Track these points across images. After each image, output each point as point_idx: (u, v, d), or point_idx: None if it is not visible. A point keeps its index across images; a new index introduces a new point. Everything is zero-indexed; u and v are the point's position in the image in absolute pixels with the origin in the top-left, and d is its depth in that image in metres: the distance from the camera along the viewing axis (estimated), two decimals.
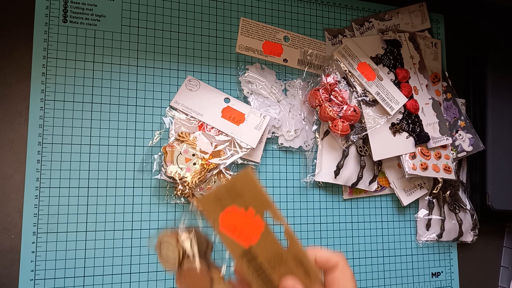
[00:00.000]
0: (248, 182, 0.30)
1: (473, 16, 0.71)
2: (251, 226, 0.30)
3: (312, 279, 0.31)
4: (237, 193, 0.30)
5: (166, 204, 0.51)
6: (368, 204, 0.60)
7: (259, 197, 0.30)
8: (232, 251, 0.31)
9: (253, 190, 0.30)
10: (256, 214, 0.30)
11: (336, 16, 0.62)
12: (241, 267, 0.31)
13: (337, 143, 0.58)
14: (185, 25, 0.54)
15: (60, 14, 0.49)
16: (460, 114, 0.65)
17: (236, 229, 0.30)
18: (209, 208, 0.30)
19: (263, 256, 0.31)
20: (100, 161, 0.49)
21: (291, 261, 0.31)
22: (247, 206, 0.30)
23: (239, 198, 0.30)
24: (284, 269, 0.31)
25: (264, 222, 0.30)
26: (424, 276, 0.62)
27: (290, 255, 0.31)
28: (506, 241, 0.69)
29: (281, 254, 0.31)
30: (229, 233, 0.30)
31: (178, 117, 0.51)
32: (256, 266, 0.31)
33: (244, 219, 0.30)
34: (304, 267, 0.31)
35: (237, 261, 0.31)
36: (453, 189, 0.64)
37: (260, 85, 0.55)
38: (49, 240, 0.46)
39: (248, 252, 0.30)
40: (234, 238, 0.30)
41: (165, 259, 0.32)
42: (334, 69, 0.58)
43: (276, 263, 0.31)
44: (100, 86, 0.50)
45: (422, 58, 0.63)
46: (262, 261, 0.31)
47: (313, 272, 0.31)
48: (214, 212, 0.30)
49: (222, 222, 0.30)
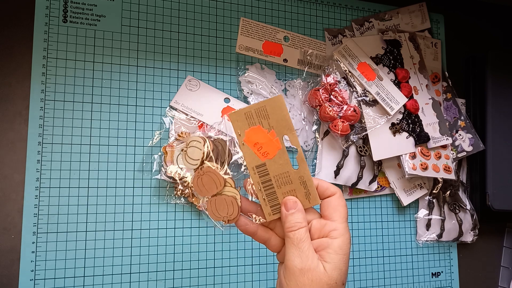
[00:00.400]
0: (277, 107, 0.34)
1: (473, 16, 0.71)
2: (270, 145, 0.35)
3: (311, 201, 0.35)
4: (265, 115, 0.35)
5: (166, 204, 0.51)
6: (368, 204, 0.60)
7: (283, 122, 0.35)
8: (249, 162, 0.35)
9: (279, 115, 0.35)
10: (276, 136, 0.35)
11: (336, 16, 0.62)
12: (252, 178, 0.35)
13: (337, 143, 0.58)
14: (185, 25, 0.54)
15: (60, 14, 0.49)
16: (460, 114, 0.65)
17: (257, 144, 0.35)
18: (238, 122, 0.35)
19: (273, 172, 0.35)
20: (100, 161, 0.49)
21: (296, 181, 0.35)
22: (270, 128, 0.35)
23: (265, 120, 0.35)
24: (289, 188, 0.35)
25: (282, 144, 0.35)
26: (424, 276, 0.62)
27: (297, 176, 0.35)
28: (506, 241, 0.69)
29: (289, 174, 0.35)
30: (251, 146, 0.35)
31: (178, 117, 0.51)
32: (266, 180, 0.35)
33: (266, 138, 0.35)
34: (307, 189, 0.35)
35: (250, 172, 0.35)
36: (453, 189, 0.64)
37: (260, 85, 0.55)
38: (49, 240, 0.46)
39: (262, 165, 0.35)
40: (253, 151, 0.35)
41: (189, 157, 0.37)
42: (334, 69, 0.58)
43: (283, 181, 0.35)
44: (100, 86, 0.50)
45: (422, 58, 0.63)
46: (272, 177, 0.35)
47: (313, 195, 0.35)
48: (241, 126, 0.35)
49: (247, 136, 0.35)
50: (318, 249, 0.32)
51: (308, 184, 0.35)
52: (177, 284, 0.50)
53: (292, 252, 0.32)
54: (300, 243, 0.32)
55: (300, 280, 0.30)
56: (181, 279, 0.50)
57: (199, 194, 0.37)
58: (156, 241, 0.50)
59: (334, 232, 0.32)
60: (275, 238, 0.36)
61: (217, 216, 0.36)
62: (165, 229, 0.50)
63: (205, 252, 0.52)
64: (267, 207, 0.36)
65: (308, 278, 0.30)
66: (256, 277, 0.53)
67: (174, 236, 0.51)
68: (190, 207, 0.52)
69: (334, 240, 0.32)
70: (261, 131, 0.35)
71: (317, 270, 0.30)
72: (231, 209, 0.36)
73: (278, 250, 0.36)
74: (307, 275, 0.30)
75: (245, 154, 0.35)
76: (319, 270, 0.30)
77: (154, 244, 0.50)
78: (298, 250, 0.31)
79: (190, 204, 0.51)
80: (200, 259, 0.51)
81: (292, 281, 0.31)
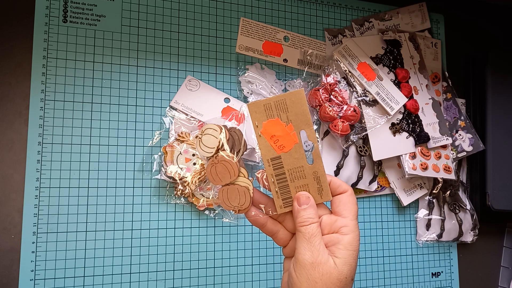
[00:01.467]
0: (297, 101, 0.34)
1: (473, 16, 0.71)
2: (287, 138, 0.35)
3: (323, 197, 0.35)
4: (284, 108, 0.35)
5: (166, 204, 0.51)
6: (368, 204, 0.60)
7: (302, 116, 0.35)
8: (264, 154, 0.35)
9: (299, 109, 0.34)
10: (294, 130, 0.35)
11: (336, 16, 0.62)
12: (267, 170, 0.35)
13: (337, 143, 0.58)
14: (185, 25, 0.54)
15: (60, 14, 0.49)
16: (460, 114, 0.65)
17: (274, 137, 0.35)
18: (256, 113, 0.35)
19: (288, 166, 0.35)
20: (100, 161, 0.49)
21: (310, 176, 0.35)
22: (288, 121, 0.35)
23: (283, 113, 0.35)
24: (302, 182, 0.35)
25: (299, 138, 0.35)
26: (424, 276, 0.62)
27: (311, 171, 0.35)
28: (506, 241, 0.68)
29: (303, 169, 0.35)
30: (267, 138, 0.35)
31: (178, 117, 0.51)
32: (280, 173, 0.35)
33: (283, 131, 0.35)
34: (320, 185, 0.35)
35: (265, 164, 0.35)
36: (453, 189, 0.64)
37: (260, 85, 0.55)
38: (49, 240, 0.46)
39: (277, 158, 0.35)
40: (270, 143, 0.35)
41: (204, 145, 0.37)
42: (334, 69, 0.58)
43: (297, 175, 0.35)
44: (100, 86, 0.50)
45: (422, 58, 0.63)
46: (286, 170, 0.35)
47: (325, 191, 0.35)
48: (259, 118, 0.35)
49: (264, 128, 0.35)
50: (328, 245, 0.33)
51: (322, 180, 0.35)
52: (177, 284, 0.50)
53: (304, 246, 0.32)
54: (311, 238, 0.32)
55: (311, 274, 0.31)
56: (181, 279, 0.50)
57: (212, 182, 0.37)
58: (156, 241, 0.50)
59: (345, 228, 0.33)
60: (284, 231, 0.37)
61: (228, 205, 0.36)
62: (165, 229, 0.50)
63: (205, 252, 0.52)
64: (279, 200, 0.36)
65: (319, 272, 0.31)
66: (256, 277, 0.53)
67: (174, 236, 0.51)
68: (190, 207, 0.52)
69: (344, 236, 0.33)
70: (279, 124, 0.35)
71: (328, 265, 0.31)
72: (243, 199, 0.36)
73: (285, 244, 0.36)
74: (317, 269, 0.31)
75: (261, 146, 0.35)
76: (329, 265, 0.31)
77: (154, 244, 0.50)
78: (310, 245, 0.32)
79: (190, 204, 0.51)
80: (200, 259, 0.51)
81: (303, 275, 0.31)
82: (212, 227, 0.52)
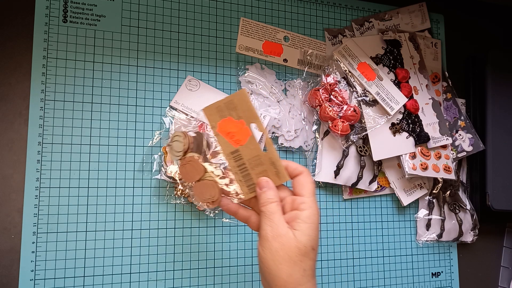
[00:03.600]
0: (242, 100, 0.39)
1: (473, 16, 0.71)
2: (241, 132, 0.39)
3: (281, 179, 0.39)
4: (233, 107, 0.39)
5: (166, 204, 0.51)
6: (368, 204, 0.60)
7: (249, 112, 0.39)
8: (224, 149, 0.40)
9: (245, 106, 0.39)
10: (245, 125, 0.39)
11: (336, 16, 0.62)
12: (229, 163, 0.40)
13: (337, 143, 0.58)
14: (185, 25, 0.54)
15: (60, 14, 0.49)
16: (460, 114, 0.65)
17: (230, 133, 0.39)
18: (211, 115, 0.39)
19: (246, 156, 0.40)
20: (100, 161, 0.49)
21: (267, 162, 0.39)
22: (239, 118, 0.39)
23: (234, 111, 0.39)
24: (261, 169, 0.39)
25: (251, 131, 0.39)
26: (424, 276, 0.62)
27: (267, 158, 0.39)
28: (506, 241, 0.69)
29: (260, 157, 0.39)
30: (224, 135, 0.40)
31: (178, 117, 0.51)
32: (240, 163, 0.40)
33: (236, 127, 0.39)
34: (276, 169, 0.39)
35: (227, 158, 0.40)
36: (453, 189, 0.64)
37: (260, 85, 0.55)
38: (49, 240, 0.46)
39: (236, 151, 0.40)
40: (227, 139, 0.40)
41: (174, 150, 0.43)
42: (334, 69, 0.58)
43: (255, 163, 0.39)
44: (100, 86, 0.50)
45: (422, 58, 0.63)
46: (246, 161, 0.40)
47: (282, 173, 0.39)
48: (214, 119, 0.39)
49: (220, 126, 0.39)
50: (289, 221, 0.37)
51: (277, 164, 0.39)
52: (177, 284, 0.50)
53: (265, 222, 0.36)
54: (271, 215, 0.36)
55: (273, 245, 0.35)
56: (181, 279, 0.50)
57: (185, 180, 0.42)
58: (156, 241, 0.50)
59: (303, 204, 0.37)
60: (255, 216, 0.41)
61: (202, 199, 0.41)
62: (165, 229, 0.50)
63: (205, 252, 0.52)
64: (245, 187, 0.40)
65: (280, 242, 0.34)
66: (256, 277, 0.53)
67: (174, 236, 0.51)
68: (190, 207, 0.52)
69: (302, 211, 0.36)
70: (232, 122, 0.39)
71: (287, 236, 0.35)
72: (213, 191, 0.41)
73: (258, 228, 0.40)
74: (278, 240, 0.35)
75: (220, 143, 0.40)
76: (289, 236, 0.35)
77: (154, 244, 0.50)
78: (270, 221, 0.36)
79: (190, 204, 0.51)
80: (200, 259, 0.51)
81: (266, 247, 0.35)
82: (212, 227, 0.52)
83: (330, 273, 0.57)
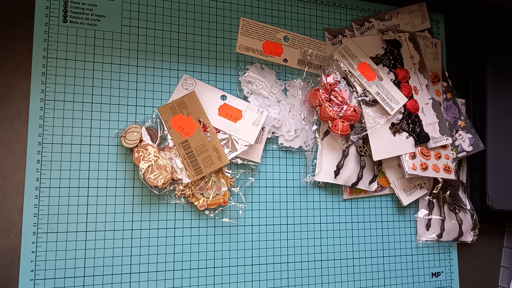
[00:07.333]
0: (191, 99, 0.50)
1: (473, 16, 0.71)
2: (190, 126, 0.49)
3: (223, 162, 0.49)
4: (184, 106, 0.50)
5: (166, 204, 0.51)
6: (368, 204, 0.60)
7: (197, 109, 0.50)
8: (175, 140, 0.49)
9: (194, 105, 0.50)
10: (194, 120, 0.49)
11: (336, 16, 0.62)
12: (179, 151, 0.49)
13: (337, 143, 0.58)
14: (185, 25, 0.54)
15: (60, 14, 0.49)
16: (460, 114, 0.65)
17: (180, 127, 0.49)
18: (165, 113, 0.50)
19: (194, 145, 0.49)
20: (100, 161, 0.49)
21: (211, 149, 0.49)
22: (188, 114, 0.50)
23: (184, 109, 0.49)
24: (206, 155, 0.49)
25: (198, 125, 0.49)
26: (424, 276, 0.62)
27: (211, 145, 0.49)
28: (506, 241, 0.69)
29: (205, 145, 0.49)
30: (175, 129, 0.49)
31: None
32: (189, 151, 0.49)
33: (186, 122, 0.49)
34: (219, 154, 0.49)
35: (177, 147, 0.49)
36: (453, 189, 0.64)
37: (260, 85, 0.55)
38: (49, 240, 0.46)
39: (185, 141, 0.49)
40: (178, 132, 0.49)
41: (129, 140, 0.48)
42: (334, 69, 0.58)
43: (201, 150, 0.49)
44: (100, 86, 0.50)
45: (422, 58, 0.63)
46: (193, 149, 0.49)
47: (223, 157, 0.49)
48: (168, 116, 0.49)
49: (172, 122, 0.49)
50: None
51: (220, 150, 0.49)
52: (177, 284, 0.50)
53: None
54: None
55: None
56: (181, 279, 0.50)
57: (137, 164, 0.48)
58: (156, 241, 0.50)
59: None
60: None
61: (152, 182, 0.47)
62: (165, 229, 0.50)
63: (205, 252, 0.52)
64: (191, 171, 0.49)
65: None
66: (256, 277, 0.53)
67: (174, 236, 0.51)
68: (190, 207, 0.52)
69: None
70: (182, 117, 0.49)
71: None
72: (164, 172, 0.48)
73: None
74: None
75: (172, 135, 0.49)
76: None
77: (154, 244, 0.50)
78: None
79: (190, 204, 0.51)
80: (200, 259, 0.51)
81: None
82: (212, 227, 0.52)
83: (330, 273, 0.57)
